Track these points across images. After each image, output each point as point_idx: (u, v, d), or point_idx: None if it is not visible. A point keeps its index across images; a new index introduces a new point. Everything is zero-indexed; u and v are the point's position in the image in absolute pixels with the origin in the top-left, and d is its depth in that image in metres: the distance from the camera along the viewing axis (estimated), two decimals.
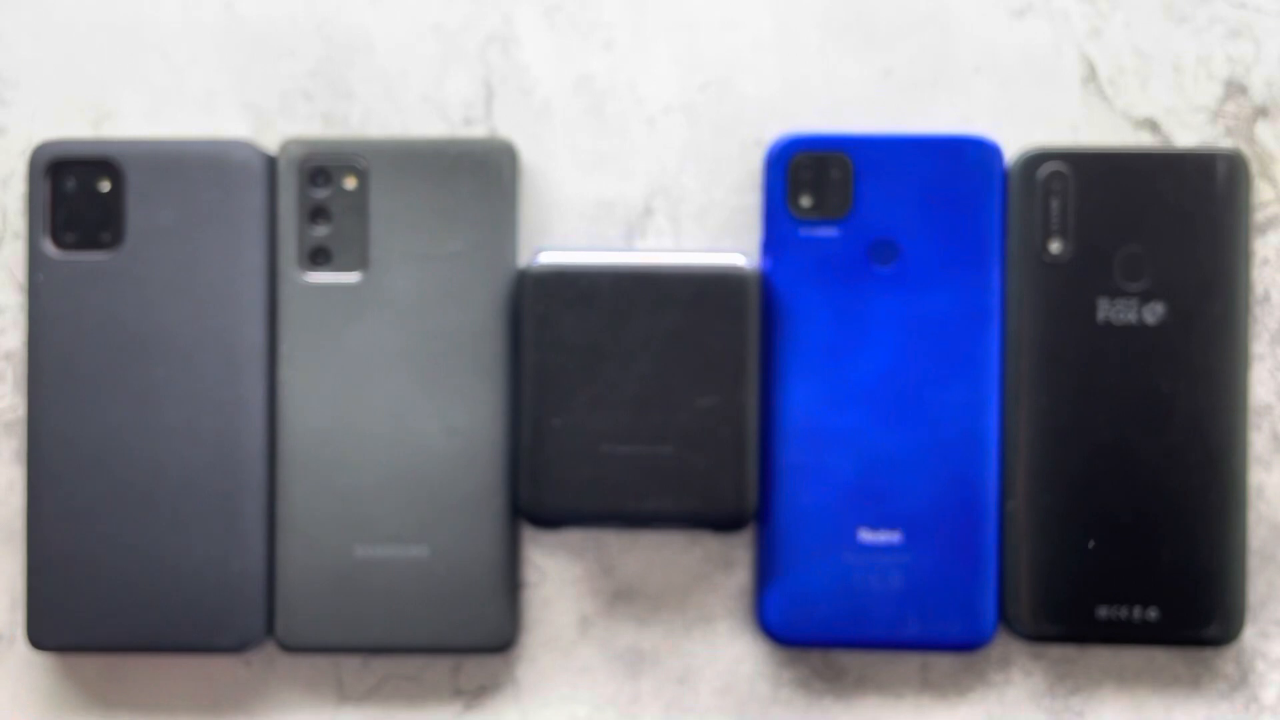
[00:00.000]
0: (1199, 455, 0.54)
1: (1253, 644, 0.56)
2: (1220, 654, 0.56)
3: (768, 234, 0.55)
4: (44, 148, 0.55)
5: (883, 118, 0.56)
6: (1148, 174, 0.55)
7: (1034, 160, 0.55)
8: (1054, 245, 0.55)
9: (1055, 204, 0.55)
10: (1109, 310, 0.55)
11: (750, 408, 0.54)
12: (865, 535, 0.55)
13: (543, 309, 0.54)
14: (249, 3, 0.57)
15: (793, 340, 0.55)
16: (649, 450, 0.54)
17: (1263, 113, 0.56)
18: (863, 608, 0.55)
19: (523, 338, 0.54)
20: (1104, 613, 0.54)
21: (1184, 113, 0.56)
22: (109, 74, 0.57)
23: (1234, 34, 0.56)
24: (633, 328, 0.54)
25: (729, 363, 0.54)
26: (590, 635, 0.57)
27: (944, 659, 0.56)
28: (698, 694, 0.57)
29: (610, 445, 0.54)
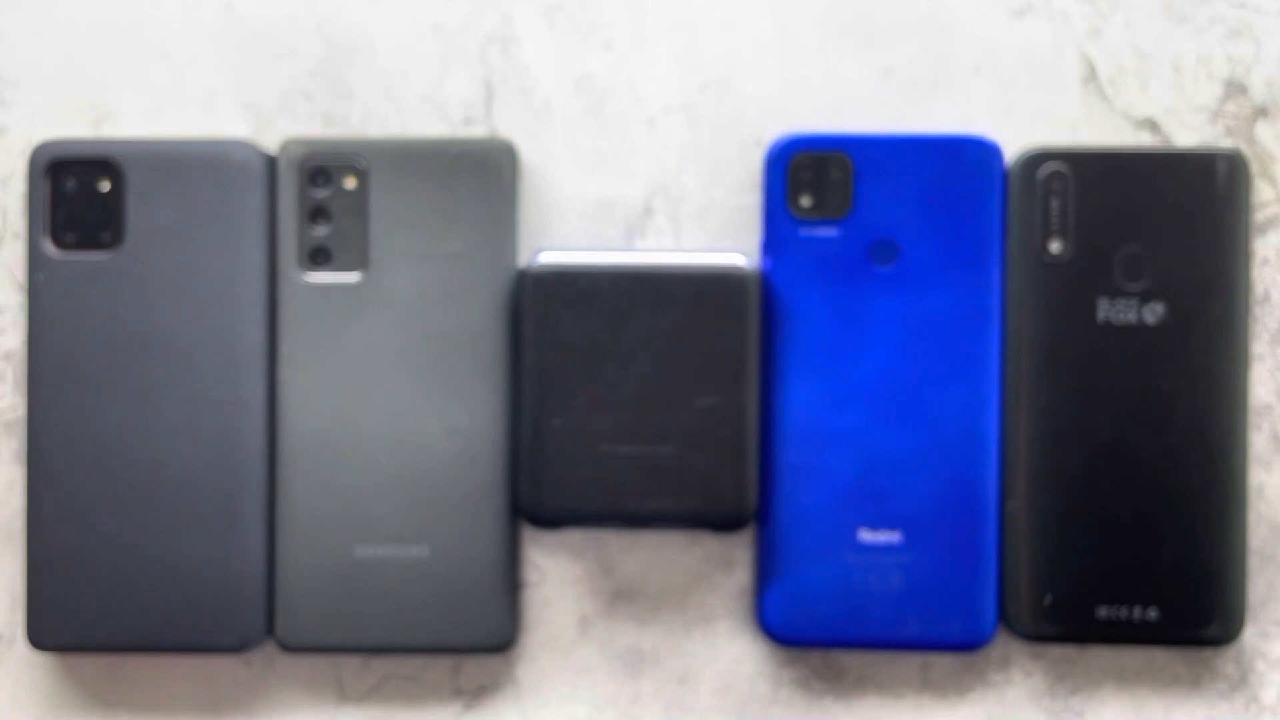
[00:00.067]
0: (1199, 455, 0.54)
1: (1253, 644, 0.56)
2: (1220, 654, 0.56)
3: (768, 234, 0.55)
4: (44, 148, 0.55)
5: (883, 118, 0.56)
6: (1148, 174, 0.55)
7: (1034, 160, 0.55)
8: (1054, 245, 0.55)
9: (1055, 204, 0.55)
10: (1109, 310, 0.55)
11: (750, 408, 0.54)
12: (865, 535, 0.55)
13: (543, 309, 0.54)
14: (249, 3, 0.57)
15: (793, 340, 0.55)
16: (649, 450, 0.54)
17: (1263, 113, 0.56)
18: (863, 608, 0.55)
19: (523, 338, 0.54)
20: (1104, 613, 0.54)
21: (1184, 113, 0.56)
22: (109, 74, 0.57)
23: (1234, 34, 0.56)
24: (633, 328, 0.54)
25: (729, 363, 0.54)
26: (590, 635, 0.57)
27: (944, 659, 0.56)
28: (698, 694, 0.57)
29: (610, 445, 0.54)
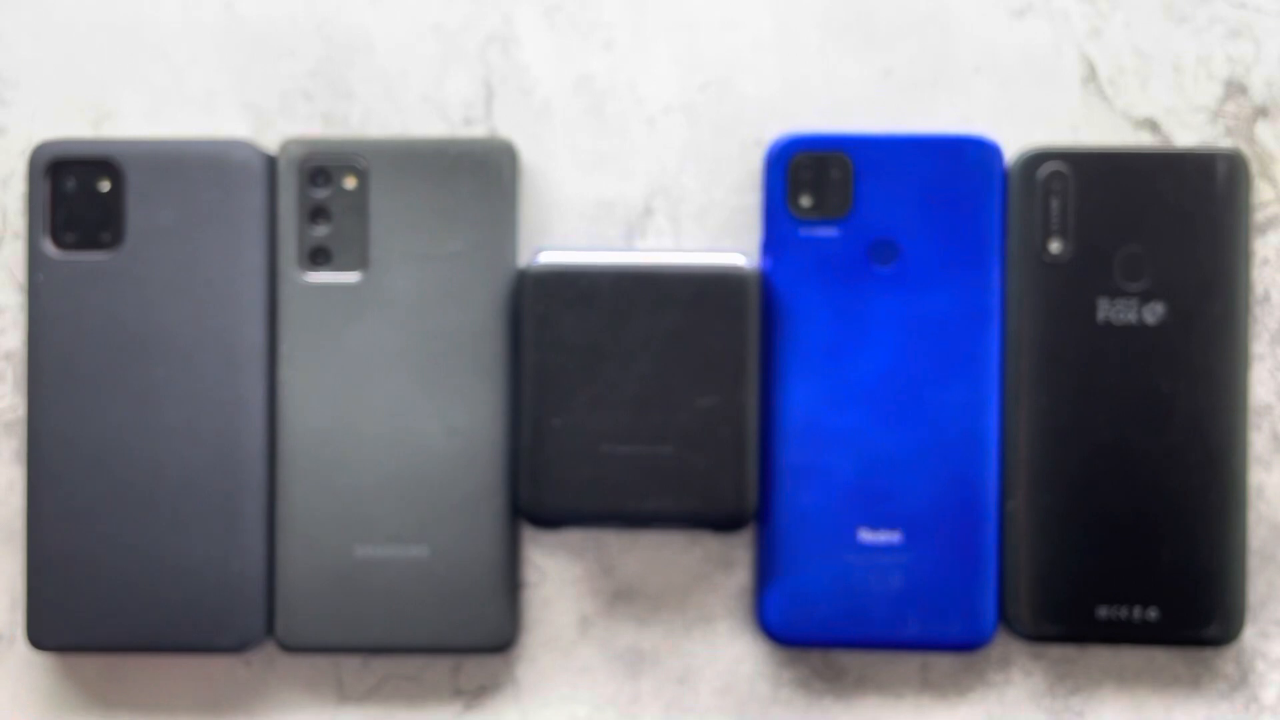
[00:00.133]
0: (1199, 455, 0.54)
1: (1253, 644, 0.56)
2: (1220, 654, 0.56)
3: (768, 234, 0.55)
4: (44, 148, 0.55)
5: (883, 118, 0.56)
6: (1148, 174, 0.55)
7: (1034, 160, 0.55)
8: (1054, 245, 0.55)
9: (1055, 204, 0.55)
10: (1109, 310, 0.55)
11: (750, 408, 0.54)
12: (865, 535, 0.55)
13: (543, 309, 0.54)
14: (249, 3, 0.57)
15: (793, 340, 0.55)
16: (649, 450, 0.54)
17: (1263, 113, 0.56)
18: (863, 608, 0.55)
19: (523, 338, 0.54)
20: (1104, 613, 0.54)
21: (1184, 113, 0.56)
22: (109, 74, 0.57)
23: (1234, 34, 0.56)
24: (633, 328, 0.54)
25: (729, 363, 0.54)
26: (590, 635, 0.57)
27: (944, 659, 0.56)
28: (698, 694, 0.57)
29: (610, 445, 0.54)
